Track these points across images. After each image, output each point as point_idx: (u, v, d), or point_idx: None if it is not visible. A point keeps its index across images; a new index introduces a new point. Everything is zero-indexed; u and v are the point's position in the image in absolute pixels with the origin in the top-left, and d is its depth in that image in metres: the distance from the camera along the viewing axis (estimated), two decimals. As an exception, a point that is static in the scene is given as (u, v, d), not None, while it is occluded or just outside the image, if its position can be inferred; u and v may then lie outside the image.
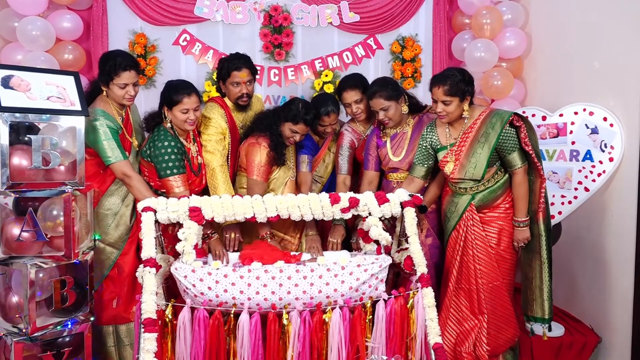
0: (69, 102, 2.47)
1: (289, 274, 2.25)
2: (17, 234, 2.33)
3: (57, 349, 2.42)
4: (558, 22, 3.49)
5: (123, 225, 2.77)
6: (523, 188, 2.63)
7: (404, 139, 2.91)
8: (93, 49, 3.62)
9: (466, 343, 2.71)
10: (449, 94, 2.55)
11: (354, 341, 2.25)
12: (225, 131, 2.90)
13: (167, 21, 3.75)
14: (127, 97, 2.67)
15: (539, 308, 2.73)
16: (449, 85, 2.55)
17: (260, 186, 2.79)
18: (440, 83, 2.57)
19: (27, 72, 2.45)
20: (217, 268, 2.25)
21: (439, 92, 2.57)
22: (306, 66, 3.96)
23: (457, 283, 2.73)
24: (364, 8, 3.96)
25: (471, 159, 2.62)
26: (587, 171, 3.02)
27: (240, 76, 2.87)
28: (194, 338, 2.17)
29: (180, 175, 2.63)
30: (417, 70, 4.08)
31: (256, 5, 3.85)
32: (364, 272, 2.30)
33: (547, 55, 3.64)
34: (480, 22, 3.76)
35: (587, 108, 3.03)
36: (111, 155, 2.59)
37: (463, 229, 2.70)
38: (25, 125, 2.38)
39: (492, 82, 3.75)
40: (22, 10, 3.37)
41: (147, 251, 2.22)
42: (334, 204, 2.38)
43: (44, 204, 2.40)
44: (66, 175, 2.43)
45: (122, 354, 2.81)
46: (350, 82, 3.02)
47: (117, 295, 2.76)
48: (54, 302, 2.39)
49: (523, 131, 2.59)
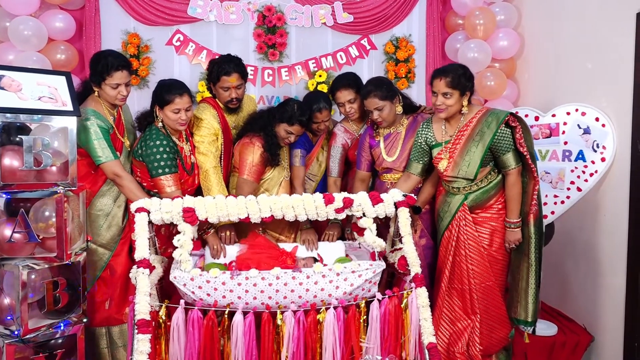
0: (61, 103, 2.45)
1: (285, 281, 2.25)
2: (9, 235, 2.32)
3: (50, 350, 2.40)
4: (551, 23, 3.50)
5: (115, 226, 2.75)
6: (516, 189, 2.64)
7: (397, 139, 2.91)
8: (86, 49, 3.61)
9: (459, 343, 2.72)
10: (451, 86, 2.56)
11: (349, 341, 2.25)
12: (218, 132, 2.89)
13: (160, 21, 3.74)
14: (119, 97, 2.66)
15: (523, 310, 2.72)
16: (451, 77, 2.55)
17: (250, 185, 2.78)
18: (442, 75, 2.58)
19: (18, 72, 2.44)
20: (216, 276, 2.24)
21: (441, 83, 2.57)
22: (300, 66, 3.96)
23: (450, 283, 2.74)
24: (357, 8, 3.97)
25: (465, 157, 2.63)
26: (579, 171, 3.04)
27: (229, 81, 2.85)
28: (188, 339, 2.16)
29: (172, 175, 2.62)
30: (411, 71, 4.09)
31: (250, 5, 3.84)
32: (358, 277, 2.31)
33: (540, 56, 3.66)
34: (474, 22, 3.78)
35: (580, 108, 3.04)
36: (102, 155, 2.58)
37: (455, 229, 2.70)
38: (17, 126, 2.37)
39: (486, 82, 3.76)
40: (13, 9, 3.35)
41: (141, 252, 2.20)
42: (328, 204, 2.38)
43: (35, 205, 2.39)
44: (58, 175, 2.42)
45: (115, 355, 2.79)
46: (343, 81, 3.01)
47: (110, 296, 2.75)
48: (46, 303, 2.38)
49: (519, 132, 2.59)
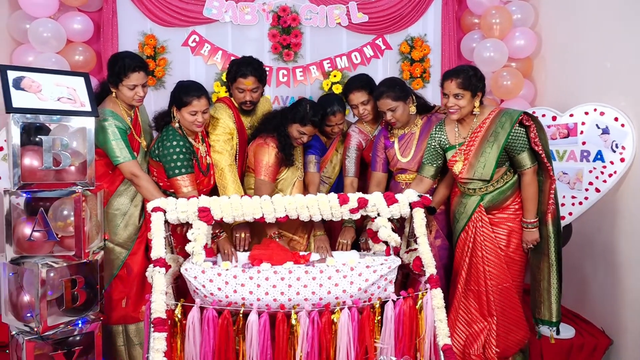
0: (79, 103, 2.49)
1: (298, 275, 2.25)
2: (29, 233, 2.36)
3: (68, 347, 2.44)
4: (568, 22, 3.46)
5: (132, 225, 2.78)
6: (532, 189, 2.61)
7: (412, 140, 2.90)
8: (103, 50, 3.65)
9: (475, 345, 2.70)
10: (462, 87, 2.54)
11: (363, 342, 2.24)
12: (233, 131, 2.90)
13: (176, 22, 3.77)
14: (136, 98, 2.69)
15: (547, 310, 2.70)
16: (462, 78, 2.54)
17: (268, 186, 2.79)
18: (453, 76, 2.57)
19: (38, 73, 2.48)
20: (227, 269, 2.25)
21: (452, 85, 2.56)
22: (315, 67, 3.96)
23: (466, 284, 2.72)
24: (372, 8, 3.96)
25: (480, 158, 2.61)
26: (598, 172, 3.00)
27: (245, 83, 2.86)
28: (203, 338, 2.17)
29: (189, 175, 2.64)
30: (426, 71, 4.07)
31: (265, 6, 3.85)
32: (373, 273, 2.29)
33: (558, 55, 3.62)
34: (490, 22, 3.74)
35: (598, 108, 3.00)
36: (119, 155, 2.61)
37: (472, 230, 2.68)
38: (36, 126, 2.41)
39: (502, 82, 3.73)
40: (33, 12, 3.41)
41: (157, 251, 2.23)
42: (342, 205, 2.38)
43: (54, 204, 2.43)
44: (76, 175, 2.45)
45: (132, 353, 2.82)
46: (356, 83, 3.00)
47: (127, 294, 2.78)
48: (64, 301, 2.41)
49: (533, 131, 2.57)
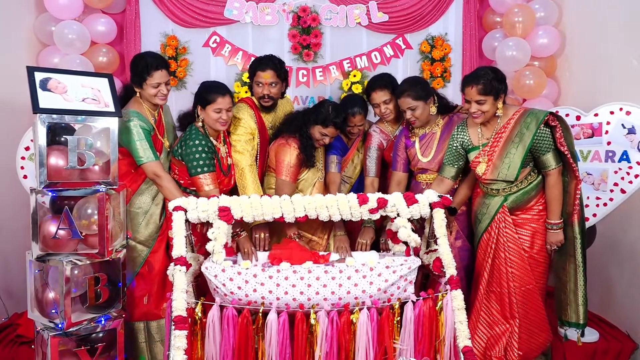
0: (103, 104, 2.53)
1: (318, 275, 2.25)
2: (54, 231, 2.41)
3: (91, 344, 2.48)
4: (593, 20, 3.39)
5: (153, 223, 2.82)
6: (557, 190, 2.57)
7: (433, 140, 2.88)
8: (126, 51, 3.71)
9: (497, 347, 2.66)
10: (483, 93, 2.51)
11: (382, 342, 2.24)
12: (254, 131, 2.92)
13: (197, 23, 3.81)
14: (160, 95, 2.73)
15: (574, 313, 2.66)
16: (482, 84, 2.51)
17: (289, 187, 2.80)
18: (473, 83, 2.53)
19: (63, 74, 2.53)
20: (247, 268, 2.26)
21: (473, 92, 2.53)
22: (334, 67, 3.96)
23: (488, 286, 2.68)
24: (392, 8, 3.94)
25: (505, 159, 2.57)
26: (623, 172, 2.93)
27: (263, 77, 2.89)
28: (223, 336, 2.19)
29: (210, 174, 2.67)
30: (447, 70, 4.03)
31: (285, 6, 3.87)
32: (393, 273, 2.28)
33: (582, 54, 3.55)
34: (512, 20, 3.69)
35: (624, 107, 2.94)
36: (143, 156, 2.65)
37: (495, 231, 2.65)
38: (62, 126, 2.45)
39: (524, 81, 3.67)
40: (58, 14, 3.48)
41: (178, 250, 2.25)
42: (362, 205, 2.37)
43: (79, 203, 2.47)
44: (100, 174, 2.49)
45: (153, 350, 2.86)
46: (379, 82, 3.00)
47: (148, 292, 2.81)
48: (88, 298, 2.46)
49: (558, 131, 2.53)
